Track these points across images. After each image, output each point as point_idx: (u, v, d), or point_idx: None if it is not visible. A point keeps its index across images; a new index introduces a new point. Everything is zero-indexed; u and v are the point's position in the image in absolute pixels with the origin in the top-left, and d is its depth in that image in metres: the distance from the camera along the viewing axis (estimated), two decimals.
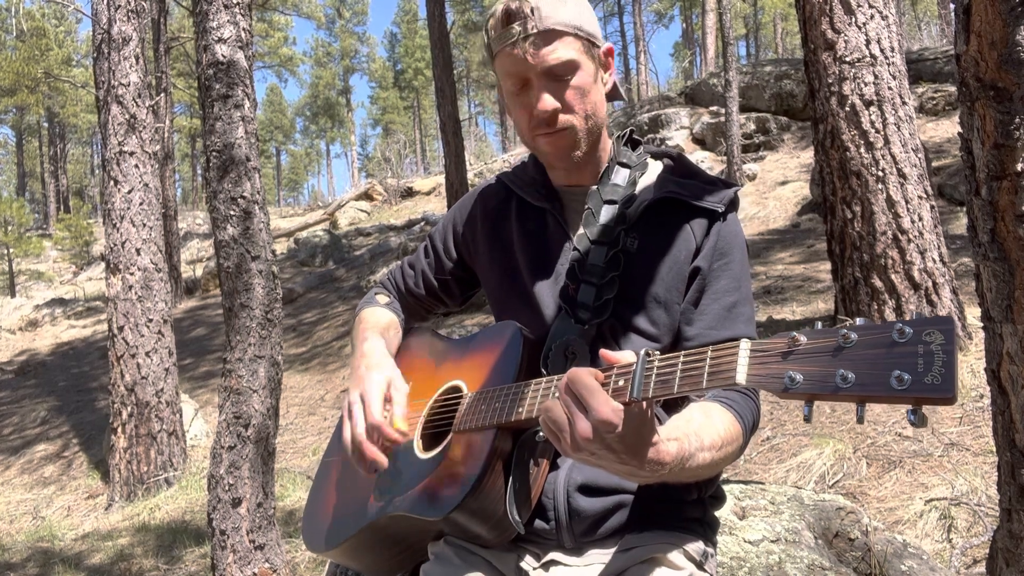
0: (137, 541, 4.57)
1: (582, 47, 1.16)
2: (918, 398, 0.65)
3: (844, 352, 0.70)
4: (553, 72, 1.14)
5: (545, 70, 1.13)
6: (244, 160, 3.21)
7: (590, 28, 1.17)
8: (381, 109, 50.05)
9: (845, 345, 0.70)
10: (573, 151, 1.18)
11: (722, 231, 1.19)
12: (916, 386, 0.65)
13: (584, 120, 1.17)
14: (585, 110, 1.16)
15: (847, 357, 0.70)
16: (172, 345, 5.81)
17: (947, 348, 0.64)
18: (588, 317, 1.16)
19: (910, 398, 0.65)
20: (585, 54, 1.16)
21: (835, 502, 2.19)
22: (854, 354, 0.69)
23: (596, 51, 1.19)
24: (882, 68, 4.17)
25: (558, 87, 1.15)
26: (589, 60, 1.17)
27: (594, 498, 1.13)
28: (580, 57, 1.15)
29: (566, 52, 1.13)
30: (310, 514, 1.40)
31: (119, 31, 5.75)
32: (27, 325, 14.20)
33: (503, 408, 1.07)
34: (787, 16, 32.97)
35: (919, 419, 0.66)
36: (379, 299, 1.45)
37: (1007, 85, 1.22)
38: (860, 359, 0.69)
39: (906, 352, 0.66)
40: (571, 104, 1.15)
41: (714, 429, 0.98)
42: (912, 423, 0.67)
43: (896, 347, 0.67)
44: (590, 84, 1.17)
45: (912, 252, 4.04)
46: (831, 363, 0.70)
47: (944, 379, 0.64)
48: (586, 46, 1.16)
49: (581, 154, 1.19)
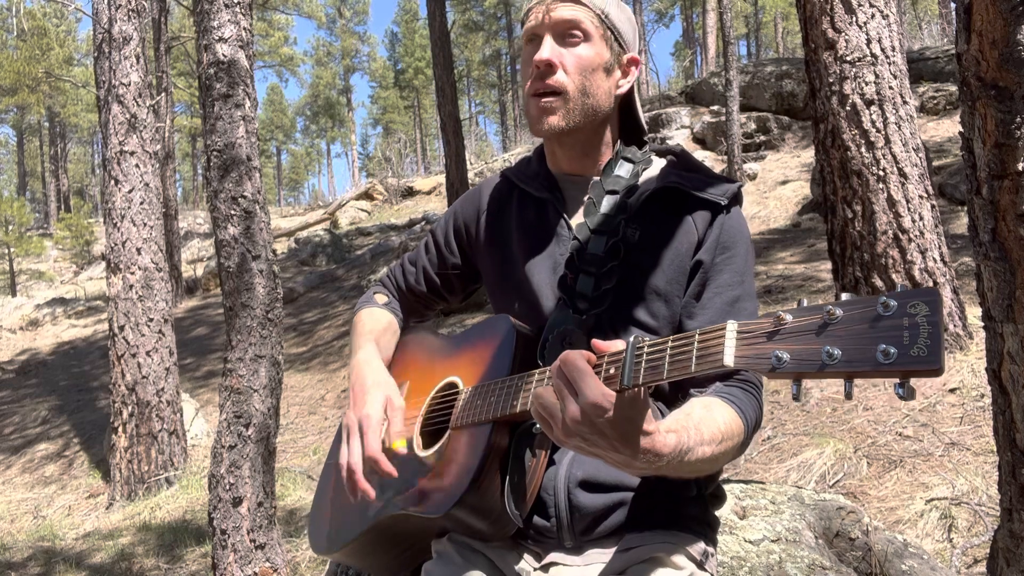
0: (138, 540, 4.58)
1: (601, 30, 1.18)
2: (905, 371, 0.65)
3: (829, 328, 0.70)
4: (560, 28, 1.16)
5: (553, 23, 1.16)
6: (245, 160, 3.21)
7: (617, 22, 1.20)
8: (382, 108, 50.03)
9: (830, 321, 0.70)
10: (557, 122, 1.16)
11: (726, 224, 1.18)
12: (902, 359, 0.64)
13: (578, 92, 1.16)
14: (582, 82, 1.16)
15: (833, 333, 0.69)
16: (173, 344, 5.81)
17: (932, 319, 0.64)
18: (586, 307, 1.16)
19: (897, 371, 0.65)
20: (601, 38, 1.18)
21: (836, 502, 2.19)
22: (840, 330, 0.69)
23: (616, 47, 1.20)
24: (883, 67, 4.17)
25: (563, 48, 1.16)
26: (604, 45, 1.18)
27: (595, 494, 1.12)
28: (593, 32, 1.17)
29: (578, 15, 1.16)
30: (315, 516, 1.41)
31: (120, 30, 5.75)
32: (28, 324, 14.20)
33: (499, 402, 1.07)
34: (788, 15, 32.97)
35: (907, 392, 0.66)
36: (377, 299, 1.45)
37: (1008, 84, 1.22)
38: (846, 335, 0.68)
39: (891, 325, 0.66)
40: (568, 67, 1.16)
41: (714, 423, 0.98)
42: (900, 396, 0.66)
43: (881, 320, 0.67)
44: (596, 63, 1.17)
45: (913, 251, 4.04)
46: (817, 340, 0.70)
47: (930, 351, 0.63)
48: (605, 33, 1.18)
49: (568, 126, 1.17)
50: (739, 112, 11.82)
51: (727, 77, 11.31)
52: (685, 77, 31.40)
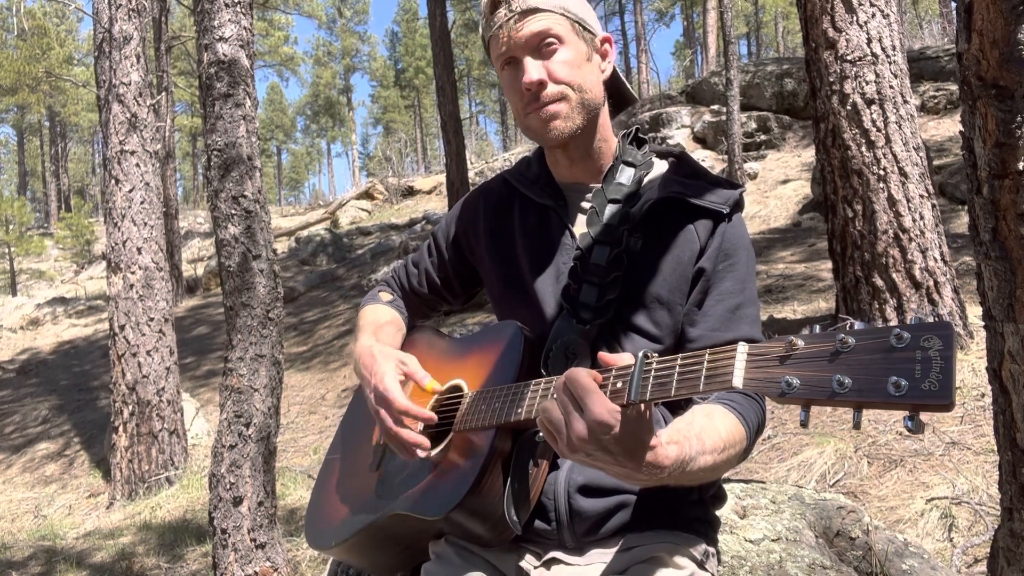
0: (139, 540, 4.58)
1: (569, 26, 1.17)
2: (915, 404, 0.65)
3: (841, 357, 0.70)
4: (533, 43, 1.15)
5: (525, 41, 1.14)
6: (245, 159, 3.21)
7: (579, 12, 1.18)
8: (382, 108, 50.02)
9: (842, 350, 0.70)
10: (564, 125, 1.16)
11: (727, 232, 1.18)
12: (913, 392, 0.64)
13: (574, 92, 1.16)
14: (574, 81, 1.16)
15: (844, 362, 0.69)
16: (173, 344, 5.81)
17: (945, 354, 0.64)
18: (590, 317, 1.16)
19: (907, 404, 0.65)
20: (573, 33, 1.17)
21: (836, 501, 2.19)
22: (851, 359, 0.69)
23: (588, 35, 1.19)
24: (883, 67, 4.16)
25: (544, 61, 1.15)
26: (577, 39, 1.17)
27: (595, 499, 1.12)
28: (565, 33, 1.16)
29: (544, 24, 1.14)
30: (313, 512, 1.41)
31: (120, 30, 5.75)
32: (28, 324, 14.21)
33: (503, 408, 1.07)
34: (788, 15, 32.94)
35: (916, 425, 0.66)
36: (382, 296, 1.46)
37: (1009, 84, 1.22)
38: (857, 364, 0.68)
39: (904, 358, 0.66)
40: (556, 75, 1.15)
41: (716, 432, 0.97)
42: (909, 429, 0.66)
43: (894, 352, 0.66)
44: (580, 60, 1.17)
45: (913, 251, 4.03)
46: (828, 368, 0.70)
47: (941, 386, 0.63)
48: (574, 27, 1.17)
49: (575, 127, 1.17)
50: (740, 111, 11.82)
51: (728, 76, 11.30)
52: (686, 76, 31.40)
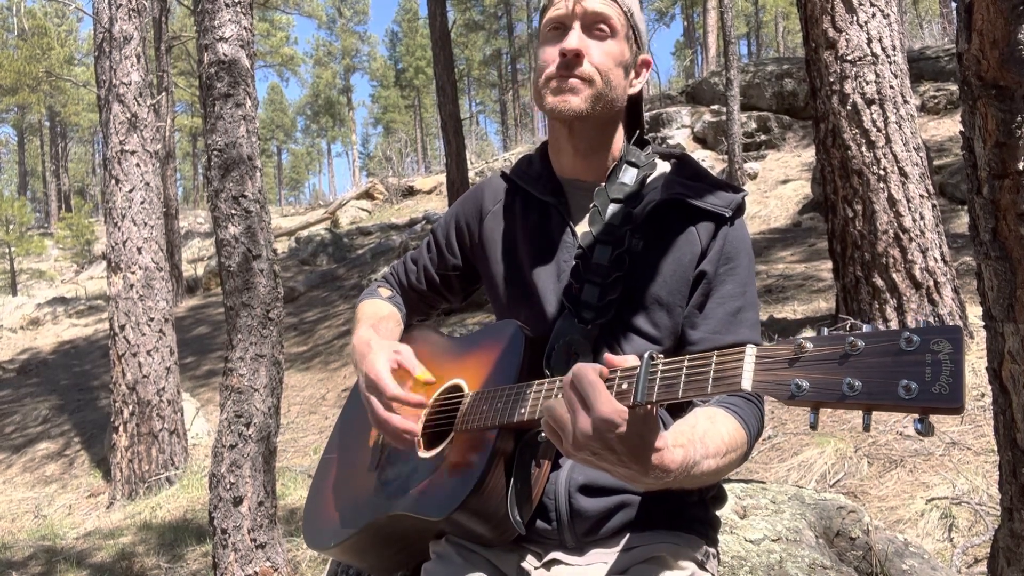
0: (139, 540, 4.58)
1: (626, 26, 1.18)
2: (925, 407, 0.65)
3: (851, 360, 0.70)
4: (590, 20, 1.16)
5: (585, 13, 1.16)
6: (246, 159, 3.21)
7: (639, 23, 1.21)
8: (382, 108, 50.00)
9: (852, 353, 0.70)
10: (577, 102, 1.15)
11: (729, 236, 1.18)
12: (923, 395, 0.65)
13: (601, 81, 1.16)
14: (607, 73, 1.16)
15: (854, 365, 0.69)
16: (173, 344, 5.81)
17: (955, 357, 0.64)
18: (591, 317, 1.15)
19: (917, 407, 0.65)
20: (625, 37, 1.18)
21: (836, 501, 2.18)
22: (861, 362, 0.69)
23: (635, 47, 1.21)
24: (883, 67, 4.16)
25: (591, 39, 1.16)
26: (626, 42, 1.19)
27: (596, 498, 1.12)
28: (620, 29, 1.17)
29: (608, 10, 1.16)
30: (311, 512, 1.40)
31: (120, 30, 5.75)
32: (29, 324, 14.21)
33: (505, 408, 1.07)
34: (788, 15, 32.93)
35: (926, 428, 0.66)
36: (381, 292, 1.46)
37: (1009, 84, 1.22)
38: (867, 367, 0.68)
39: (914, 361, 0.66)
40: (594, 58, 1.15)
41: (719, 435, 0.97)
42: (919, 432, 0.66)
43: (904, 356, 0.67)
44: (619, 59, 1.18)
45: (913, 251, 4.03)
46: (838, 371, 0.70)
47: (952, 389, 0.63)
48: (628, 32, 1.19)
49: (585, 110, 1.15)
50: (740, 111, 11.82)
51: (728, 76, 11.30)
52: (686, 76, 31.37)
